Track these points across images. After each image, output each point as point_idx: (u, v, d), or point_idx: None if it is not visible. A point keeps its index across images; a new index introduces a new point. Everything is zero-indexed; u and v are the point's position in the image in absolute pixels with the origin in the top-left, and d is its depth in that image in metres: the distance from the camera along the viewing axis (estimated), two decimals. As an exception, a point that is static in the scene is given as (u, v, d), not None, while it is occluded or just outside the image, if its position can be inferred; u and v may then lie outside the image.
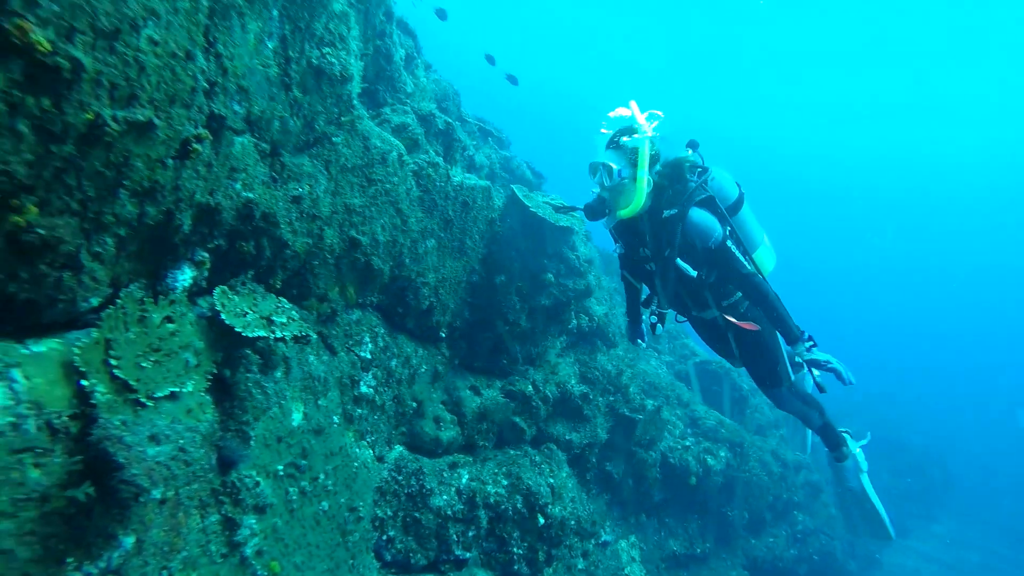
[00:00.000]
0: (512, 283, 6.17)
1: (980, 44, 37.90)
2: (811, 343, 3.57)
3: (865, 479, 4.60)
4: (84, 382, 2.39)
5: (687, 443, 9.55)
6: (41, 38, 1.74)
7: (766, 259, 4.02)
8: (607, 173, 3.63)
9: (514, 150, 10.34)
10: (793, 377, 3.96)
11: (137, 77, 2.24)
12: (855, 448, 4.48)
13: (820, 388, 3.76)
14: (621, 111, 3.79)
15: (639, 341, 4.42)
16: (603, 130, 3.84)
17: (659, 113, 3.77)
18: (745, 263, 3.64)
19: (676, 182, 3.67)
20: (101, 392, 2.43)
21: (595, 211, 3.74)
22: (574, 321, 7.42)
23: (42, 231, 2.14)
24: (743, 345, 3.96)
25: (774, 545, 10.56)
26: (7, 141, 1.85)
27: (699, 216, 3.59)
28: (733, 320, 3.82)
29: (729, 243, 3.63)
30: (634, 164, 3.55)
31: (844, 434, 4.45)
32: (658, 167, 3.68)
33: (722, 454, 9.87)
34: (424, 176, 4.93)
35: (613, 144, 3.71)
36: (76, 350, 2.45)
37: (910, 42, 39.32)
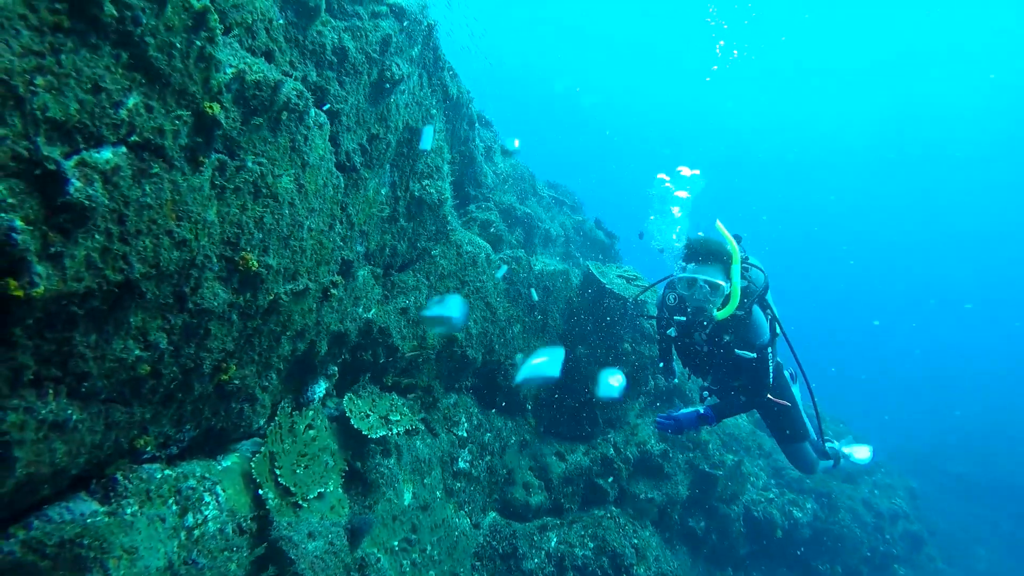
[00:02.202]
0: (592, 353, 6.64)
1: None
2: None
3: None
4: (261, 491, 3.08)
5: (770, 495, 9.53)
6: (254, 261, 2.45)
7: None
8: (712, 289, 4.07)
9: (586, 212, 10.90)
10: (814, 436, 4.70)
11: (300, 259, 2.96)
12: (840, 448, 5.25)
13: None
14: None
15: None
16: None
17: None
18: (771, 372, 4.14)
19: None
20: (271, 498, 3.12)
21: (698, 327, 4.22)
22: (651, 382, 7.76)
23: (237, 381, 2.87)
24: (771, 415, 4.59)
25: (873, 603, 10.19)
26: (224, 327, 2.57)
27: (758, 317, 4.12)
28: (771, 397, 4.36)
29: (769, 349, 4.12)
30: (727, 275, 4.06)
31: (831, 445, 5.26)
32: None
33: (808, 505, 9.75)
34: (510, 270, 5.55)
35: (709, 260, 4.16)
36: (252, 464, 3.16)
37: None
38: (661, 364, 5.19)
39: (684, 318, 4.26)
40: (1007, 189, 45.88)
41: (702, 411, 4.31)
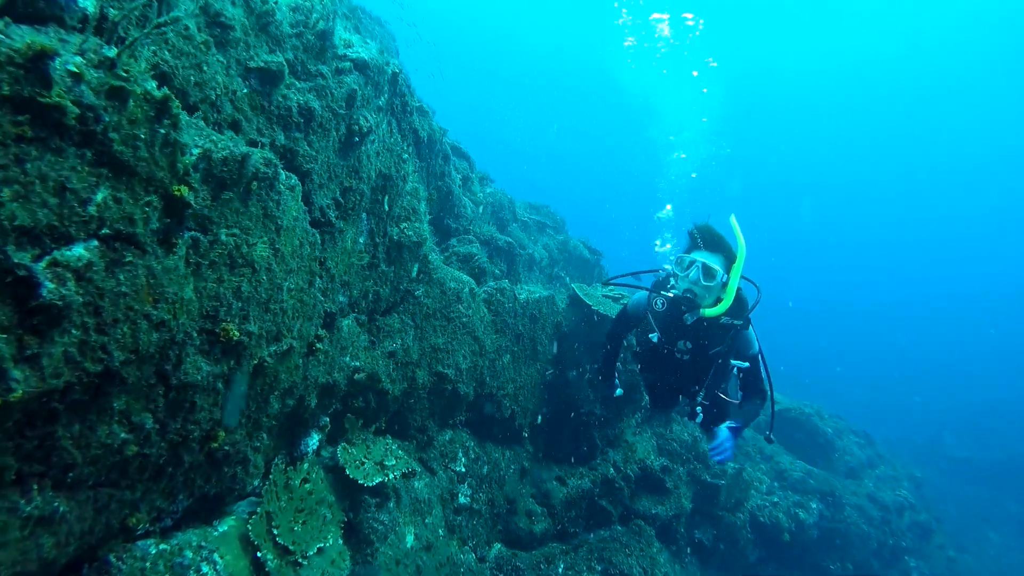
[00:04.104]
0: (584, 375, 6.67)
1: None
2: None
3: None
4: (259, 554, 3.07)
5: (775, 499, 9.55)
6: (235, 331, 2.48)
7: None
8: (705, 273, 3.94)
9: (569, 230, 10.99)
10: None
11: (282, 320, 2.99)
12: None
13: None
14: None
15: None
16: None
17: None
18: (767, 379, 4.22)
19: (741, 292, 4.16)
20: (271, 559, 3.11)
21: (686, 304, 4.05)
22: (647, 398, 7.79)
23: (228, 447, 2.88)
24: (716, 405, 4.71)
25: (887, 597, 10.18)
26: (210, 398, 2.59)
27: (751, 331, 4.14)
28: (725, 398, 4.57)
29: (760, 358, 4.14)
30: (729, 270, 3.95)
31: None
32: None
33: (813, 506, 9.77)
34: (494, 302, 5.59)
35: (713, 245, 4.05)
36: (250, 526, 3.15)
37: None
38: (601, 375, 5.30)
39: (670, 296, 4.15)
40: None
41: (733, 425, 4.37)
